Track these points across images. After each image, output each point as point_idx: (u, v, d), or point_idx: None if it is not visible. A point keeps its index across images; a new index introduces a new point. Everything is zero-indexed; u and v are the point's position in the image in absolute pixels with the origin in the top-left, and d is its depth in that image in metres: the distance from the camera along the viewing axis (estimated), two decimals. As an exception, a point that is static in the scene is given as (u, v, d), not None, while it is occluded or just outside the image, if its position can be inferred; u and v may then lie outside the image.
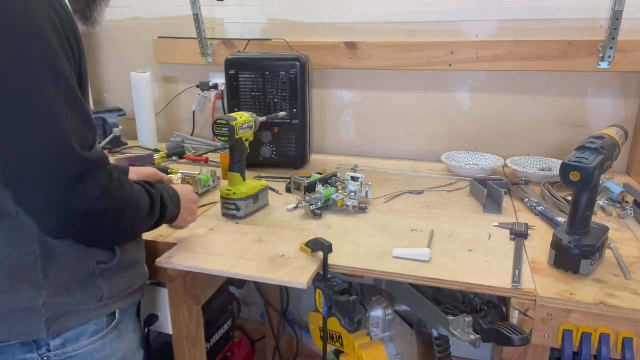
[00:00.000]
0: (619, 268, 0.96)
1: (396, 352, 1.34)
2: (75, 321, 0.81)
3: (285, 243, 1.06)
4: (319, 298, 1.08)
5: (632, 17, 1.46)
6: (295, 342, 2.01)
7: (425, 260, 0.98)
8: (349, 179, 1.29)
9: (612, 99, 1.57)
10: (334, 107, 1.84)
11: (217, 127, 1.16)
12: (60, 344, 0.80)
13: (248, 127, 1.20)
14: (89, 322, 0.83)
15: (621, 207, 1.27)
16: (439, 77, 1.70)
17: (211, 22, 1.85)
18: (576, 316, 0.85)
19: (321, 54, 1.73)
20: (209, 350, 1.60)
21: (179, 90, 1.99)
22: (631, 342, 0.83)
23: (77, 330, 0.81)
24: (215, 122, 1.16)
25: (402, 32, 1.68)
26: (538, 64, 1.56)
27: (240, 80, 1.54)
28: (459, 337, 0.89)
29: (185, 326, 1.13)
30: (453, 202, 1.34)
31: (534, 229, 1.16)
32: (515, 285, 0.89)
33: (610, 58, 1.48)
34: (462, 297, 1.06)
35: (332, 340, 1.43)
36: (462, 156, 1.67)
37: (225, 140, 1.17)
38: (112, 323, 0.87)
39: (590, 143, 0.92)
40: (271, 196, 1.38)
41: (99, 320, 0.84)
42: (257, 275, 0.94)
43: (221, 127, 1.15)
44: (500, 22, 1.58)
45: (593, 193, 0.92)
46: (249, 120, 1.20)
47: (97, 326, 0.84)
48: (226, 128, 1.15)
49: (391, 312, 1.30)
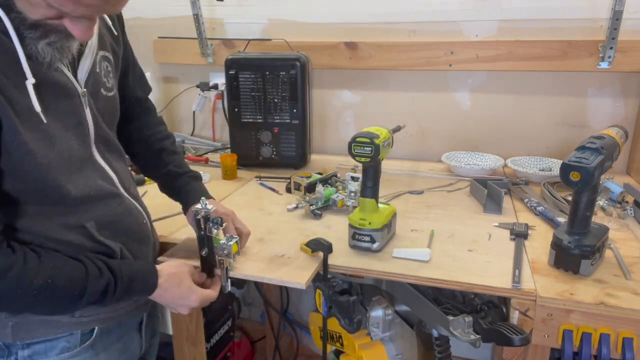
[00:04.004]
0: (619, 268, 0.96)
1: (396, 352, 1.34)
2: (42, 332, 0.79)
3: (285, 243, 1.06)
4: (319, 298, 1.08)
5: (632, 17, 1.46)
6: (295, 342, 2.01)
7: (425, 260, 0.99)
8: (349, 179, 1.29)
9: (612, 99, 1.57)
10: (334, 107, 1.84)
11: (356, 146, 0.97)
12: (28, 355, 0.79)
13: (387, 145, 1.02)
14: (59, 336, 0.80)
15: (621, 207, 1.27)
16: (439, 77, 1.70)
17: (211, 22, 1.85)
18: (576, 316, 0.85)
19: (321, 54, 1.73)
20: (209, 350, 1.60)
21: (179, 90, 1.99)
22: (631, 342, 0.83)
23: (45, 344, 0.79)
24: (355, 140, 0.97)
25: (402, 32, 1.68)
26: (538, 64, 1.56)
27: (240, 80, 1.54)
28: (459, 337, 0.89)
29: (185, 326, 1.14)
30: (453, 202, 1.34)
31: (534, 229, 1.15)
32: (515, 285, 0.89)
33: (610, 58, 1.48)
34: (462, 297, 1.06)
35: (332, 340, 1.43)
36: (462, 156, 1.67)
37: (364, 162, 0.99)
38: (88, 341, 0.83)
39: (590, 143, 0.92)
40: (271, 196, 1.38)
41: (71, 336, 0.81)
42: (256, 275, 0.94)
43: (362, 145, 0.97)
44: (500, 22, 1.58)
45: (593, 193, 0.92)
46: (388, 137, 1.03)
47: (69, 343, 0.81)
48: (369, 147, 0.96)
49: (391, 312, 1.30)
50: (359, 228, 1.02)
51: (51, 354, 0.80)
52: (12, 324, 0.77)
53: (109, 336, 0.86)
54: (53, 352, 0.80)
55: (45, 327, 0.79)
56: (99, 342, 0.84)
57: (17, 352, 0.78)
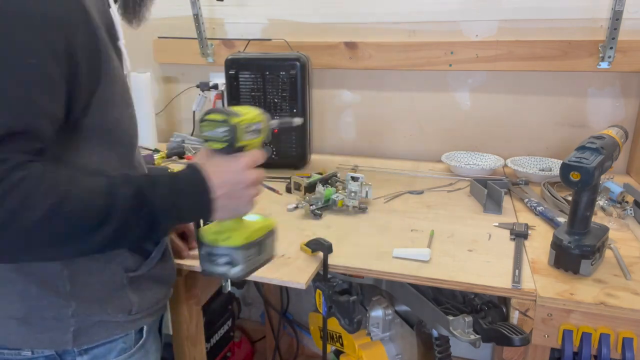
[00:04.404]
0: (619, 268, 0.96)
1: (396, 352, 1.34)
2: (103, 334, 0.75)
3: (285, 243, 1.06)
4: (319, 298, 1.08)
5: (632, 17, 1.46)
6: (295, 342, 2.01)
7: (425, 260, 0.98)
8: (349, 179, 1.29)
9: (612, 99, 1.57)
10: (334, 107, 1.84)
11: (206, 125, 0.69)
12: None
13: (255, 131, 0.73)
14: (117, 337, 0.78)
15: (621, 207, 1.27)
16: (439, 77, 1.70)
17: (211, 22, 1.85)
18: (576, 316, 0.85)
19: (321, 54, 1.73)
20: (209, 350, 1.60)
21: (179, 90, 1.99)
22: (631, 342, 0.83)
23: (105, 347, 0.76)
24: (204, 117, 0.69)
25: (402, 32, 1.68)
26: (538, 64, 1.56)
27: (240, 80, 1.54)
28: (459, 337, 0.89)
29: (185, 326, 1.13)
30: (453, 202, 1.34)
31: (534, 229, 1.15)
32: (515, 285, 0.89)
33: (610, 58, 1.48)
34: (462, 297, 1.06)
35: (332, 340, 1.43)
36: (462, 156, 1.67)
37: (217, 149, 0.69)
38: (140, 341, 0.81)
39: (590, 143, 0.92)
40: (271, 196, 1.38)
41: (127, 337, 0.79)
42: (256, 275, 0.94)
43: (214, 124, 0.68)
44: (500, 22, 1.58)
45: (593, 193, 0.92)
46: (258, 120, 0.73)
47: (125, 344, 0.79)
48: (224, 128, 0.68)
49: (391, 312, 1.30)
50: (210, 245, 0.72)
51: (110, 357, 0.77)
52: (74, 329, 0.72)
53: (150, 335, 0.85)
54: (112, 354, 0.77)
55: (106, 329, 0.75)
56: (147, 341, 0.83)
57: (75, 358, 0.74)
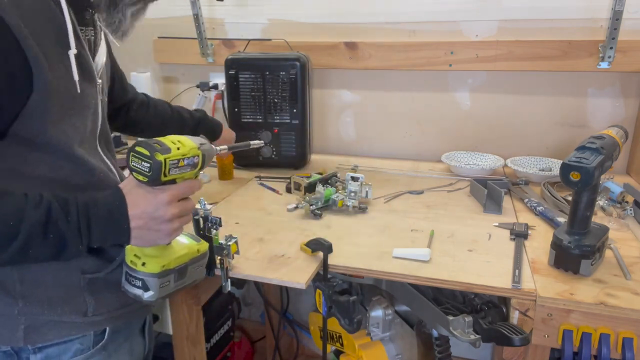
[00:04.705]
0: (619, 268, 0.96)
1: (396, 352, 1.34)
2: (56, 334, 0.76)
3: (285, 243, 1.06)
4: (319, 298, 1.08)
5: (632, 17, 1.46)
6: (295, 342, 2.01)
7: (425, 260, 0.98)
8: (349, 179, 1.29)
9: (612, 99, 1.57)
10: (334, 107, 1.84)
11: (134, 157, 0.68)
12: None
13: (186, 165, 0.71)
14: (73, 338, 0.78)
15: (621, 207, 1.27)
16: (439, 77, 1.70)
17: (211, 22, 1.85)
18: (576, 316, 0.85)
19: (321, 54, 1.73)
20: (209, 350, 1.60)
21: (179, 90, 1.99)
22: (631, 342, 0.83)
23: (59, 347, 0.77)
24: (133, 148, 0.68)
25: (402, 32, 1.68)
26: (538, 64, 1.56)
27: (240, 80, 1.54)
28: (459, 337, 0.89)
29: (185, 326, 1.13)
30: (453, 202, 1.34)
31: (534, 229, 1.15)
32: (515, 285, 0.89)
33: (610, 58, 1.48)
34: (462, 297, 1.06)
35: (332, 340, 1.43)
36: (462, 156, 1.67)
37: (143, 181, 0.68)
38: (100, 343, 0.81)
39: (590, 143, 0.92)
40: (271, 196, 1.38)
41: (84, 338, 0.79)
42: (256, 275, 0.94)
43: (140, 158, 0.68)
44: (500, 22, 1.58)
45: (593, 193, 0.92)
46: (193, 154, 0.71)
47: (82, 345, 0.79)
48: (148, 164, 0.67)
49: (391, 312, 1.30)
50: (129, 266, 0.74)
51: (64, 357, 0.78)
52: (24, 327, 0.74)
53: (118, 337, 0.85)
54: (66, 355, 0.78)
55: (59, 329, 0.76)
56: (110, 343, 0.83)
57: (27, 357, 0.76)
